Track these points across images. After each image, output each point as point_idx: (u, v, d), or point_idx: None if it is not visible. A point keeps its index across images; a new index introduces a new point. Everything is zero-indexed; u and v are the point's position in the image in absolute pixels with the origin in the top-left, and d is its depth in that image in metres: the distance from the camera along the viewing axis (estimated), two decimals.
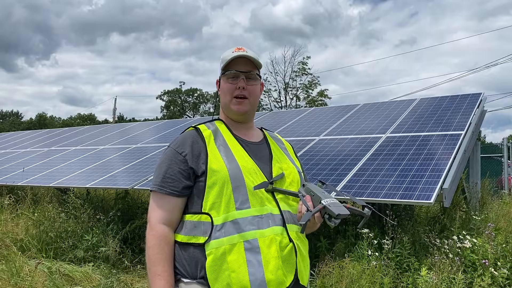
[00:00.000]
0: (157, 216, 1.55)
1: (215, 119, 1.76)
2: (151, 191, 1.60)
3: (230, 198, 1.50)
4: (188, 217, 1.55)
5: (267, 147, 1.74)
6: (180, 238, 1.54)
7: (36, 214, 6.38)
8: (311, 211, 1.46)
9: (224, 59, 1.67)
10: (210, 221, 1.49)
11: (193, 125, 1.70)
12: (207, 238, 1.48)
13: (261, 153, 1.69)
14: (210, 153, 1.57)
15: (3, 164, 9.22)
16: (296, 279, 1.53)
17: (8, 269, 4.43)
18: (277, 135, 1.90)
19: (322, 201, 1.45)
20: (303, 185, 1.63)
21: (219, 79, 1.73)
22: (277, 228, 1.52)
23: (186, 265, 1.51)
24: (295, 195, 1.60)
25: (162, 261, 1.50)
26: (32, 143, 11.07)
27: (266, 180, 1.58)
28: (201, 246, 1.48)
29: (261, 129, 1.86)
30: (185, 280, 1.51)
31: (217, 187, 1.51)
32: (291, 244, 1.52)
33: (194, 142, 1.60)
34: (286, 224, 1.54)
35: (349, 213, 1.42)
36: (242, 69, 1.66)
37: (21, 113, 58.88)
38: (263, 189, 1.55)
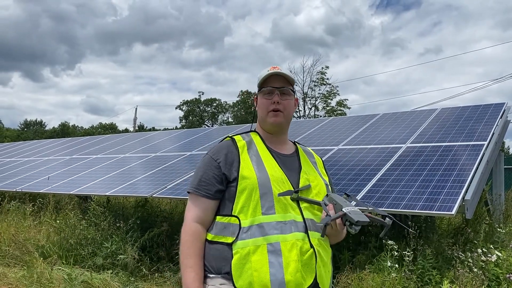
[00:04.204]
0: (191, 215, 1.72)
1: (251, 131, 1.92)
2: (188, 192, 1.78)
3: (257, 204, 1.65)
4: (218, 218, 1.71)
5: (297, 159, 1.87)
6: (211, 236, 1.69)
7: (57, 221, 6.49)
8: (330, 216, 1.58)
9: (260, 77, 1.84)
10: (238, 223, 1.64)
11: (229, 135, 1.86)
12: (234, 238, 1.62)
13: (291, 164, 1.82)
14: (242, 161, 1.73)
15: (26, 171, 9.42)
16: (315, 283, 1.62)
17: (30, 274, 4.50)
18: (310, 149, 2.02)
19: (343, 209, 1.56)
20: (327, 195, 1.74)
21: (257, 96, 1.89)
22: (299, 234, 1.64)
23: (213, 261, 1.65)
24: (318, 204, 1.71)
25: (194, 255, 1.66)
26: (55, 151, 11.29)
27: (292, 189, 1.70)
28: (229, 245, 1.62)
29: (294, 143, 1.98)
30: (211, 275, 1.65)
31: (246, 193, 1.66)
32: (311, 249, 1.63)
33: (229, 151, 1.77)
34: (309, 231, 1.66)
35: (368, 220, 1.52)
36: (276, 85, 1.81)
37: (44, 122, 60.37)
38: (288, 198, 1.68)
